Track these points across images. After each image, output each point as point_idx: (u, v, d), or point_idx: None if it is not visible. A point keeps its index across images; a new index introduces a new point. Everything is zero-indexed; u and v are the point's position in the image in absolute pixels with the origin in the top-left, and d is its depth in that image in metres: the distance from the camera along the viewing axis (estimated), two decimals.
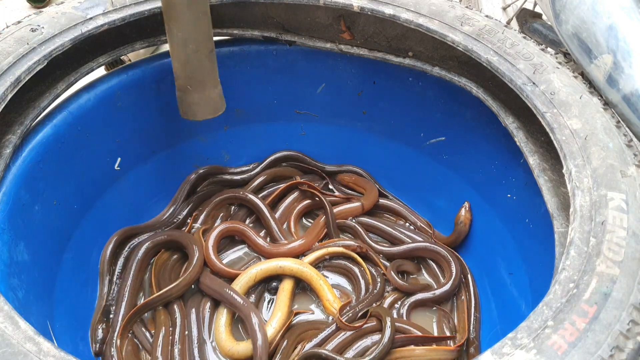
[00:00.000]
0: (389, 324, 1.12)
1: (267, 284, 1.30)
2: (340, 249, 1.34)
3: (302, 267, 1.27)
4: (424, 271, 1.38)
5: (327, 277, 1.33)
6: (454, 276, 1.28)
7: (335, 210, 1.43)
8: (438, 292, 1.27)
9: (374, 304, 1.23)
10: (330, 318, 1.23)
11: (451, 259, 1.31)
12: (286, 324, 1.18)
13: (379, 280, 1.29)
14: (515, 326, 0.70)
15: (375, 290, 1.26)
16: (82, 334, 1.16)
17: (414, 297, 1.27)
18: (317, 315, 1.27)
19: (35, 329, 0.71)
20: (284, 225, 1.44)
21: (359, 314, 1.19)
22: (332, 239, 1.39)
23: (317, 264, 1.34)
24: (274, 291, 1.28)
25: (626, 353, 0.67)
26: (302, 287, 1.31)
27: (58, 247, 1.17)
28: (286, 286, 1.27)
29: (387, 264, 1.36)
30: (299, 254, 1.35)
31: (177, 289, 1.22)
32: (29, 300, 1.00)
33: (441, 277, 1.34)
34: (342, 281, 1.35)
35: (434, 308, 1.28)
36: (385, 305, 1.26)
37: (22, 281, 1.00)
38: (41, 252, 1.10)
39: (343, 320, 1.15)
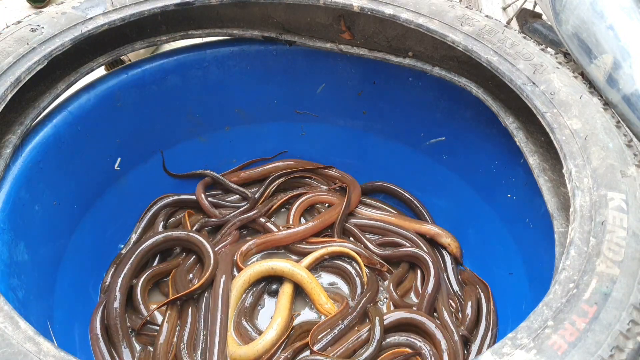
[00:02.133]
0: (377, 324, 1.13)
1: (268, 286, 1.30)
2: (346, 250, 1.34)
3: (294, 268, 1.27)
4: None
5: (321, 277, 1.34)
6: (432, 278, 1.28)
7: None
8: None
9: (368, 306, 1.23)
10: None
11: (428, 260, 1.31)
12: (288, 329, 1.18)
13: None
14: (515, 326, 0.70)
15: (363, 297, 1.24)
16: (82, 334, 1.16)
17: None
18: (313, 316, 1.27)
19: (35, 329, 0.71)
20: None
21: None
22: (334, 235, 1.40)
23: (316, 265, 1.34)
24: (275, 294, 1.28)
25: (626, 353, 0.67)
26: (300, 289, 1.30)
27: (58, 247, 1.17)
28: (287, 289, 1.26)
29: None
30: (301, 238, 1.38)
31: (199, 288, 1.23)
32: (29, 300, 1.00)
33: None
34: (338, 281, 1.35)
35: None
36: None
37: (22, 281, 1.00)
38: (41, 252, 1.10)
39: (315, 350, 1.13)
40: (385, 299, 1.30)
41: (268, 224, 1.42)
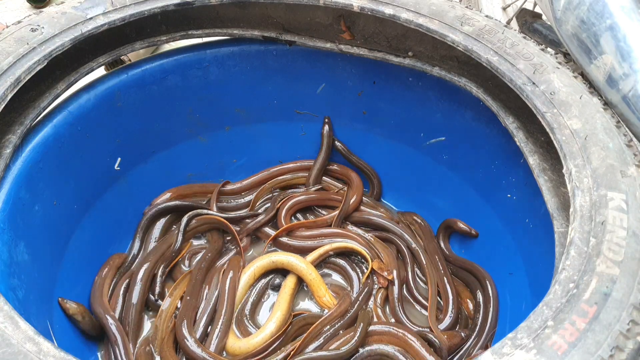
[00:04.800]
0: (360, 331, 1.13)
1: (271, 280, 1.31)
2: (354, 246, 1.34)
3: (293, 260, 1.28)
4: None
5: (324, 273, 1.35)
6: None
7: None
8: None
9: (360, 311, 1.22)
10: (325, 311, 1.25)
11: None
12: (286, 323, 1.18)
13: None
14: (515, 326, 0.70)
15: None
16: (82, 334, 1.16)
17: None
18: (314, 309, 1.28)
19: (35, 329, 0.71)
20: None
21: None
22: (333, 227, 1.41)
23: (321, 260, 1.34)
24: (277, 288, 1.29)
25: (626, 353, 0.67)
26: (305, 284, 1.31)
27: (58, 247, 1.18)
28: (289, 283, 1.28)
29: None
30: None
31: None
32: (29, 300, 1.00)
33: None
34: (337, 277, 1.37)
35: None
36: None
37: (22, 281, 1.00)
38: (41, 252, 1.10)
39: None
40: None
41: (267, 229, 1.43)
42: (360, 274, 1.32)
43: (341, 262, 1.35)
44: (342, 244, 1.35)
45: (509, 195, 1.25)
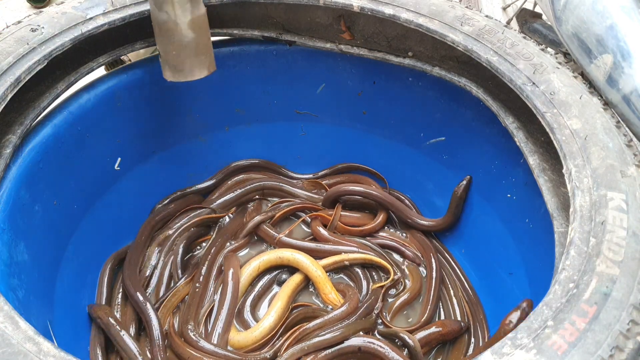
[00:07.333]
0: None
1: (278, 276, 1.32)
2: (372, 257, 1.33)
3: (299, 256, 1.29)
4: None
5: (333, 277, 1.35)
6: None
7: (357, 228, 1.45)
8: None
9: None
10: (330, 308, 1.25)
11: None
12: (284, 314, 1.20)
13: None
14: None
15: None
16: (82, 334, 1.16)
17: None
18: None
19: (35, 329, 0.71)
20: None
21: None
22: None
23: (335, 267, 1.33)
24: (283, 284, 1.29)
25: (626, 353, 0.67)
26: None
27: (58, 247, 1.18)
28: (294, 278, 1.28)
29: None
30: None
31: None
32: (29, 300, 1.00)
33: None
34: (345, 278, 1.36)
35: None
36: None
37: (22, 281, 1.00)
38: (41, 252, 1.10)
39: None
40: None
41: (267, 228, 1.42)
42: (370, 280, 1.31)
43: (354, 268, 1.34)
44: (361, 255, 1.33)
45: (509, 195, 1.24)
